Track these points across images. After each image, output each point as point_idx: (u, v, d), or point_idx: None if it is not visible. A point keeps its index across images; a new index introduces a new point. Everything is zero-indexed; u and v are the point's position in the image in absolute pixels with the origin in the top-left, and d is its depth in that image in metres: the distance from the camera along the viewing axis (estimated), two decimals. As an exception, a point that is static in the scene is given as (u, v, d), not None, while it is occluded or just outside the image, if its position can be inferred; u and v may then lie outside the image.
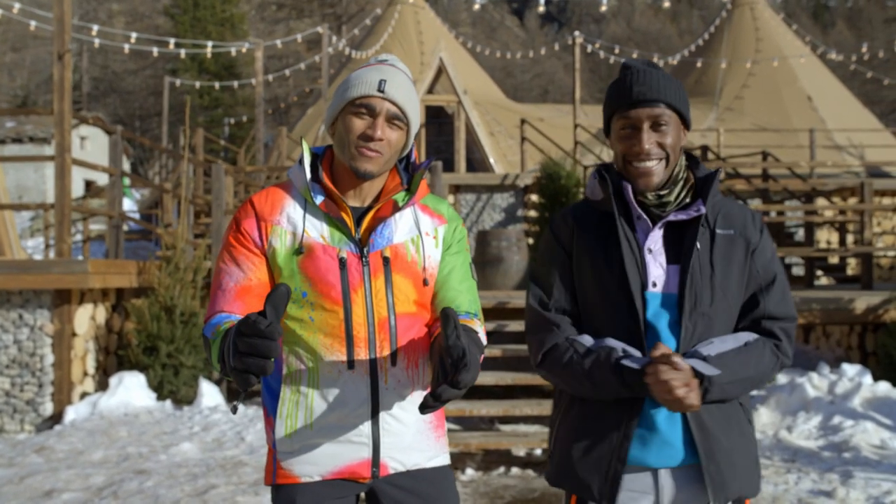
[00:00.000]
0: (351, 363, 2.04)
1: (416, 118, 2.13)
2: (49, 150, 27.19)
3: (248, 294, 2.08)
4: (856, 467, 5.83)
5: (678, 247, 2.05)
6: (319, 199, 2.08)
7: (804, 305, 8.40)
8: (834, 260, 13.85)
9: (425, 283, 2.14)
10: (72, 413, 7.14)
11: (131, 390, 7.38)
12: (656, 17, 64.59)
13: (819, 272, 13.45)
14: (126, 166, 33.33)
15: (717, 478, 1.97)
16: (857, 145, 21.13)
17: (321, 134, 17.69)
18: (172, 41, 17.52)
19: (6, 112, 8.77)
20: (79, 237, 16.64)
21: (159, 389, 7.67)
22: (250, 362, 1.65)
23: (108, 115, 38.11)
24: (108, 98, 44.25)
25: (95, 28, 14.19)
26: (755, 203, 14.56)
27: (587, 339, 2.05)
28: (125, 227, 16.61)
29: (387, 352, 2.07)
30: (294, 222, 2.08)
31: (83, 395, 7.63)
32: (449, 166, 20.67)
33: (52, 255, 16.75)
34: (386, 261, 2.09)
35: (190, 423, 6.83)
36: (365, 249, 2.08)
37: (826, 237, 16.69)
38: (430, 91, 20.55)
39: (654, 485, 2.03)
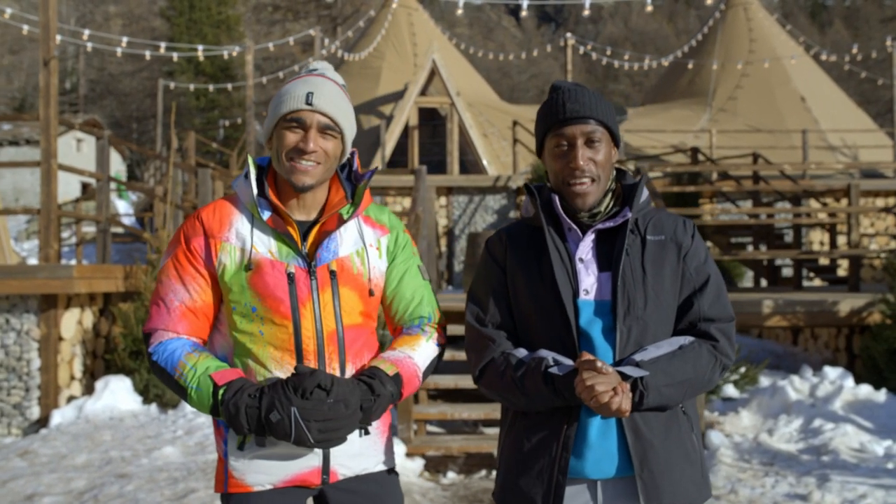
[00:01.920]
0: None
1: (350, 126, 2.17)
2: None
3: (192, 315, 2.13)
4: (833, 470, 5.86)
5: (609, 255, 2.08)
6: (266, 215, 2.12)
7: (788, 308, 8.44)
8: (825, 261, 13.90)
9: (371, 293, 2.20)
10: (58, 417, 7.18)
11: (117, 394, 7.43)
12: (653, 17, 64.58)
13: (811, 274, 13.48)
14: (122, 168, 33.36)
15: (650, 485, 1.97)
16: (851, 146, 21.16)
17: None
18: (164, 45, 17.53)
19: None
20: (74, 240, 16.68)
21: (145, 393, 7.71)
22: (333, 436, 1.99)
23: (105, 117, 38.11)
24: (105, 100, 44.27)
25: (87, 32, 14.23)
26: (746, 205, 14.61)
27: (521, 352, 2.08)
28: (120, 230, 16.66)
29: (336, 363, 2.12)
30: (242, 238, 2.12)
31: (70, 399, 7.67)
32: (442, 168, 20.70)
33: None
34: (333, 274, 2.14)
35: (174, 426, 6.87)
36: (312, 264, 2.12)
37: (819, 238, 16.73)
38: (423, 93, 20.57)
39: (593, 497, 2.03)
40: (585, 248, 2.09)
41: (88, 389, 7.92)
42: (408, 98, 19.93)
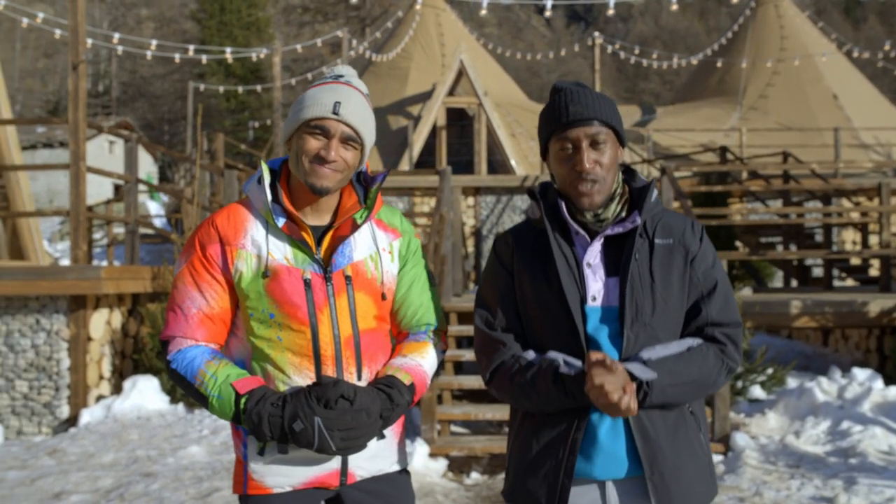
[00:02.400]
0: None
1: (371, 137, 2.18)
2: (78, 154, 27.64)
3: (210, 321, 2.14)
4: (861, 473, 5.78)
5: (617, 260, 2.06)
6: (281, 222, 2.13)
7: (817, 308, 8.34)
8: (857, 261, 13.69)
9: (383, 297, 2.22)
10: (86, 416, 7.29)
11: (145, 394, 7.51)
12: (683, 15, 64.11)
13: (843, 274, 13.30)
14: (154, 170, 33.76)
15: (660, 488, 1.97)
16: (885, 144, 20.84)
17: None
18: (192, 48, 17.71)
19: (23, 122, 8.94)
20: (106, 241, 16.91)
21: (172, 393, 7.79)
22: (355, 444, 2.03)
23: (137, 119, 38.60)
24: (137, 102, 44.84)
25: (117, 36, 14.43)
26: (776, 204, 14.45)
27: (531, 354, 2.08)
28: (149, 231, 16.85)
29: (353, 367, 2.14)
30: (258, 245, 2.13)
31: (99, 399, 7.78)
32: (470, 168, 20.69)
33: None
34: (348, 279, 2.15)
35: (200, 426, 6.94)
36: (328, 269, 2.13)
37: (852, 237, 16.50)
38: (451, 93, 20.57)
39: (602, 497, 2.04)
40: (593, 254, 2.07)
41: (117, 389, 8.03)
42: (435, 98, 19.94)
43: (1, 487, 5.63)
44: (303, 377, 2.10)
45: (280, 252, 2.13)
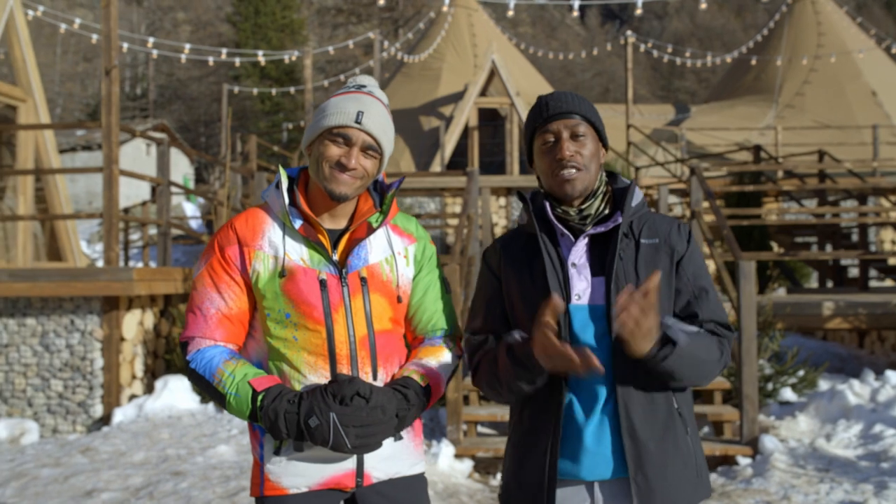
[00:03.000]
0: None
1: (390, 146, 2.23)
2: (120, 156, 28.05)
3: (228, 322, 2.19)
4: (892, 477, 5.69)
5: (603, 259, 2.10)
6: (298, 224, 2.18)
7: (850, 310, 8.23)
8: (894, 261, 13.45)
9: (399, 300, 2.25)
10: (119, 415, 7.41)
11: (176, 393, 7.62)
12: (720, 13, 63.39)
13: (882, 274, 13.08)
14: (190, 171, 34.16)
15: (643, 488, 2.00)
16: (925, 141, 20.45)
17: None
18: (224, 51, 17.93)
19: (57, 126, 9.12)
20: (142, 242, 17.16)
21: (203, 393, 7.90)
22: (370, 441, 2.05)
23: (174, 121, 39.12)
24: (174, 105, 45.44)
25: (151, 40, 14.68)
26: (811, 204, 14.25)
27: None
28: (182, 232, 17.07)
29: (368, 367, 2.18)
30: (275, 246, 2.18)
31: (132, 398, 7.91)
32: (502, 168, 20.69)
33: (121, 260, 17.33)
34: (363, 281, 2.19)
35: (229, 426, 7.03)
36: (343, 271, 2.18)
37: (891, 237, 16.22)
38: (483, 94, 20.58)
39: (591, 499, 2.07)
40: (578, 253, 2.11)
41: (149, 388, 8.16)
42: (467, 99, 19.96)
43: (35, 484, 5.75)
44: (318, 376, 2.14)
45: (296, 253, 2.17)
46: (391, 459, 2.23)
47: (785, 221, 12.82)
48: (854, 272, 13.79)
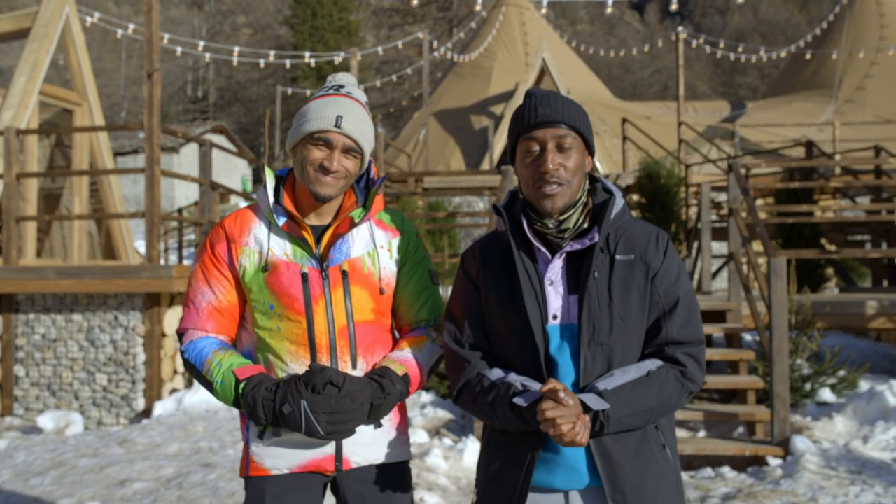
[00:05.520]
0: None
1: (370, 146, 2.32)
2: (176, 158, 28.80)
3: (219, 314, 2.32)
4: (927, 481, 5.55)
5: (578, 276, 2.05)
6: (282, 221, 2.29)
7: (894, 309, 8.01)
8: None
9: (382, 292, 2.34)
10: (159, 408, 7.63)
11: (214, 388, 7.81)
12: (784, 6, 62.01)
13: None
14: (248, 172, 34.78)
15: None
16: None
17: (422, 138, 18.01)
18: (272, 53, 18.25)
19: (102, 129, 9.41)
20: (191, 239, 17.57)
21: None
22: (342, 428, 2.13)
23: (233, 123, 39.88)
24: (233, 107, 46.33)
25: (201, 44, 15.09)
26: (865, 201, 13.88)
27: (494, 374, 2.09)
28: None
29: (347, 357, 2.27)
30: (260, 242, 2.30)
31: (172, 392, 8.13)
32: (552, 167, 20.54)
33: (171, 259, 17.78)
34: (344, 274, 2.28)
35: (262, 420, 7.18)
36: (325, 264, 2.27)
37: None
38: (534, 92, 20.51)
39: None
40: (554, 271, 2.07)
41: (189, 383, 8.37)
42: (518, 98, 19.94)
43: (73, 473, 5.96)
44: (299, 365, 2.25)
45: (280, 248, 2.28)
46: (371, 446, 2.31)
47: (834, 219, 12.50)
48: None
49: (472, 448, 6.30)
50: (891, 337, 11.39)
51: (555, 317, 2.04)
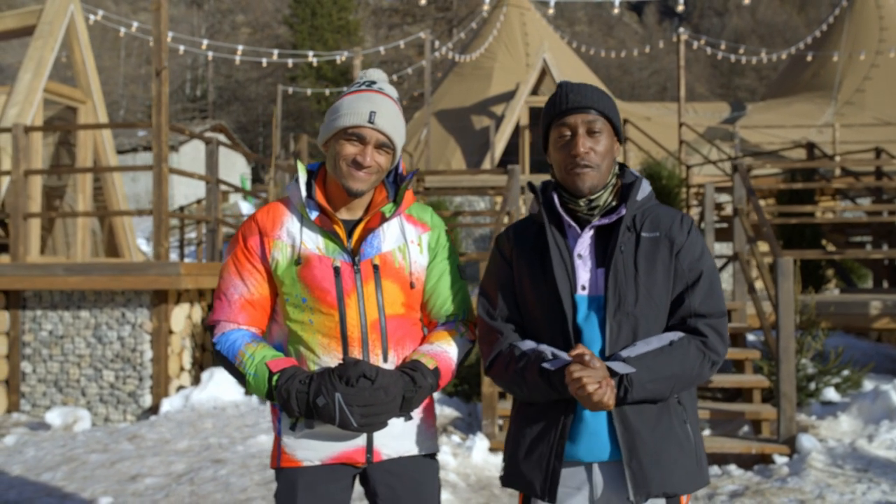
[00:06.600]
0: None
1: (402, 141, 2.36)
2: (175, 157, 28.78)
3: (251, 306, 2.35)
4: (933, 479, 5.59)
5: (606, 251, 2.15)
6: (314, 215, 2.32)
7: (897, 309, 8.06)
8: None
9: (412, 286, 2.37)
10: (167, 405, 7.65)
11: (221, 385, 7.84)
12: (782, 8, 62.11)
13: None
14: (247, 171, 34.77)
15: (637, 473, 2.04)
16: None
17: (423, 138, 18.03)
18: (276, 52, 18.27)
19: (107, 126, 9.44)
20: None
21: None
22: (375, 421, 2.17)
23: (232, 122, 39.86)
24: (233, 106, 46.30)
25: (205, 42, 15.08)
26: (865, 202, 13.93)
27: (526, 345, 2.17)
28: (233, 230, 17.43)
29: (378, 350, 2.30)
30: (293, 235, 2.33)
31: (179, 389, 8.15)
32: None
33: (172, 256, 17.80)
34: (375, 268, 2.32)
35: (270, 416, 7.21)
36: (356, 258, 2.30)
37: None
38: (535, 92, 20.56)
39: (588, 479, 2.13)
40: (583, 245, 2.17)
41: (196, 380, 8.40)
42: (518, 98, 19.97)
43: (83, 469, 5.99)
44: (331, 357, 2.28)
45: (312, 242, 2.31)
46: (401, 438, 2.35)
47: (836, 220, 12.55)
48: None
49: (480, 445, 6.33)
50: (892, 338, 11.44)
51: (583, 287, 2.13)
